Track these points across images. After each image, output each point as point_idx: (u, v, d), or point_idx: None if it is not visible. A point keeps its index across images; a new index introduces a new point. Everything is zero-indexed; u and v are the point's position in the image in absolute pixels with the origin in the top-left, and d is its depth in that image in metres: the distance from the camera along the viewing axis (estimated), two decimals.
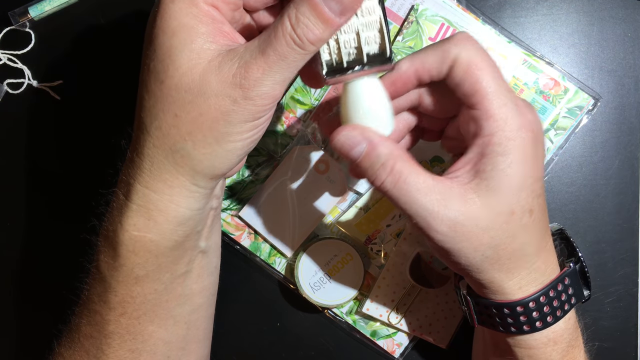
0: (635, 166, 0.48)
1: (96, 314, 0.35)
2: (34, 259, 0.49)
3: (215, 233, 0.38)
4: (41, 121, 0.48)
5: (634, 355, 0.49)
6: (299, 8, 0.30)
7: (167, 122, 0.31)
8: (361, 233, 0.47)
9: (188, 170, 0.32)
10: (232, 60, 0.30)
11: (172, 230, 0.33)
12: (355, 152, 0.33)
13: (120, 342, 0.35)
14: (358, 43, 0.33)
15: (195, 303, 0.38)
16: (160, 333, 0.36)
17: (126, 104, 0.48)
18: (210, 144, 0.31)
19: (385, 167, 0.33)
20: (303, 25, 0.30)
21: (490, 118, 0.33)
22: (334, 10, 0.30)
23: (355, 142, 0.33)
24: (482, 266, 0.34)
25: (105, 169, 0.37)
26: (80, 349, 0.36)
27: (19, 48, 0.48)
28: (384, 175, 0.33)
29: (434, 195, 0.32)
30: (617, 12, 0.48)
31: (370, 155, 0.33)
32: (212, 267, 0.39)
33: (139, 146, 0.33)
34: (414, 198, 0.32)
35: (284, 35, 0.30)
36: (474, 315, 0.38)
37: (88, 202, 0.37)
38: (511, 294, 0.35)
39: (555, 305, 0.36)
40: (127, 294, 0.34)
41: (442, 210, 0.32)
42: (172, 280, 0.35)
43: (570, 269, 0.37)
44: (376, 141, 0.33)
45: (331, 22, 0.30)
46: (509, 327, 0.36)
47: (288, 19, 0.30)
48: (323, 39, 0.31)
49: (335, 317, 0.49)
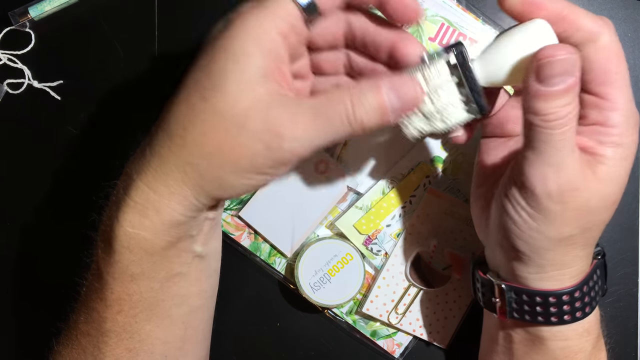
0: (636, 166, 0.48)
1: (93, 311, 0.35)
2: (34, 258, 0.49)
3: (214, 239, 0.38)
4: (41, 121, 0.48)
5: (634, 355, 0.49)
6: (364, 92, 0.31)
7: (192, 136, 0.31)
8: (361, 233, 0.47)
9: (194, 185, 0.32)
10: (281, 108, 0.31)
11: (165, 232, 0.33)
12: (563, 78, 0.31)
13: (117, 341, 0.35)
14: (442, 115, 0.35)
15: (193, 305, 0.38)
16: (157, 332, 0.36)
17: (126, 104, 0.48)
18: (225, 172, 0.32)
19: (569, 108, 0.31)
20: (363, 109, 0.31)
21: (617, 110, 0.33)
22: (393, 106, 0.32)
23: (570, 69, 0.31)
24: (561, 244, 0.34)
25: (104, 168, 0.37)
26: (78, 347, 0.36)
27: (19, 48, 0.48)
28: (562, 114, 0.31)
29: (576, 155, 0.32)
30: (617, 12, 0.48)
31: (573, 89, 0.31)
32: (210, 271, 0.39)
33: (155, 144, 0.33)
34: (566, 148, 0.32)
35: (341, 109, 0.31)
36: (506, 307, 0.37)
37: (88, 202, 0.37)
38: (562, 282, 0.35)
39: (592, 296, 0.36)
40: (124, 291, 0.34)
41: (576, 173, 0.32)
42: (168, 279, 0.35)
43: (600, 262, 0.38)
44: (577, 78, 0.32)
45: (386, 117, 0.32)
46: (550, 318, 0.36)
47: (350, 96, 0.31)
48: (372, 126, 0.32)
49: (335, 317, 0.49)
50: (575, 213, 0.33)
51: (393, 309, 0.47)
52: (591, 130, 0.34)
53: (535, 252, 0.34)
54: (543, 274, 0.35)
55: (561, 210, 0.33)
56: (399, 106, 0.32)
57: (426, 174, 0.47)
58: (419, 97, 0.33)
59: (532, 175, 0.32)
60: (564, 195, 0.32)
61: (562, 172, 0.32)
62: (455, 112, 0.34)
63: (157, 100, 0.34)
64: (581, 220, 0.33)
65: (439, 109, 0.34)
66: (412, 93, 0.32)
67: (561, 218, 0.33)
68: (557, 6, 0.32)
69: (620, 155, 0.33)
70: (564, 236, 0.33)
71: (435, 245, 0.46)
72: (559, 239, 0.34)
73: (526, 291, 0.36)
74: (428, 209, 0.46)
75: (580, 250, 0.35)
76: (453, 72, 0.33)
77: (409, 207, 0.47)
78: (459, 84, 0.34)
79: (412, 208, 0.47)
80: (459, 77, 0.33)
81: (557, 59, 0.30)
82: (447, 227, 0.47)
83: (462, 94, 0.34)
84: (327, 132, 0.31)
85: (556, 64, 0.30)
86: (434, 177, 0.47)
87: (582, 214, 0.33)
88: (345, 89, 0.32)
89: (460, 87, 0.34)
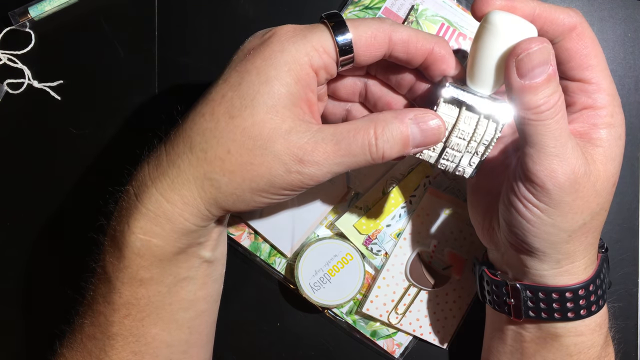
0: (635, 166, 0.48)
1: (100, 315, 0.35)
2: (34, 259, 0.49)
3: (221, 244, 0.39)
4: (41, 121, 0.48)
5: (634, 355, 0.49)
6: (388, 123, 0.32)
7: (215, 152, 0.32)
8: (361, 233, 0.47)
9: (209, 199, 0.33)
10: (304, 133, 0.32)
11: (177, 239, 0.34)
12: (542, 69, 0.31)
13: (123, 344, 0.35)
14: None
15: (199, 309, 0.38)
16: (163, 336, 0.36)
17: (126, 104, 0.48)
18: (243, 190, 0.32)
19: (556, 96, 0.32)
20: (385, 139, 0.32)
21: (603, 91, 0.34)
22: (415, 139, 0.33)
23: (546, 60, 0.31)
24: (576, 233, 0.34)
25: (105, 169, 0.37)
26: (83, 349, 0.36)
27: (19, 48, 0.48)
28: (551, 102, 0.31)
29: (573, 142, 0.33)
30: (617, 12, 0.48)
31: (553, 78, 0.32)
32: (217, 275, 0.39)
33: (173, 153, 0.33)
34: (563, 137, 0.32)
35: (364, 138, 0.32)
36: (521, 307, 0.37)
37: (88, 203, 0.37)
38: (577, 275, 0.35)
39: (604, 289, 0.37)
40: (132, 295, 0.34)
41: (578, 159, 0.32)
42: (175, 283, 0.35)
43: (604, 254, 0.38)
44: (555, 67, 0.32)
45: (407, 148, 0.33)
46: (566, 314, 0.36)
47: (374, 126, 0.32)
48: (391, 157, 0.33)
49: (335, 317, 0.49)
50: (586, 199, 0.33)
51: (393, 309, 0.47)
52: (582, 115, 0.35)
53: (552, 246, 0.35)
54: (559, 268, 0.35)
55: (573, 199, 0.33)
56: (421, 141, 0.33)
57: (426, 174, 0.47)
58: (441, 133, 0.33)
59: (538, 171, 0.32)
60: (574, 184, 0.32)
61: (567, 162, 0.32)
62: (461, 159, 0.36)
63: (157, 100, 0.34)
64: (592, 205, 0.34)
65: (449, 151, 0.35)
66: (435, 128, 0.33)
67: (574, 207, 0.33)
68: (529, 6, 0.33)
69: (614, 135, 0.34)
70: (579, 225, 0.34)
71: (435, 245, 0.46)
72: (574, 229, 0.34)
73: (542, 289, 0.36)
74: (428, 209, 0.46)
75: (592, 238, 0.35)
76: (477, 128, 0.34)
77: (409, 207, 0.47)
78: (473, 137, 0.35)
79: (412, 208, 0.47)
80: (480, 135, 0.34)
81: (533, 51, 0.31)
82: (447, 227, 0.47)
83: (471, 148, 0.35)
84: (347, 160, 0.32)
85: (533, 56, 0.31)
86: (434, 177, 0.47)
87: (592, 198, 0.33)
88: (368, 119, 0.32)
89: (474, 141, 0.35)
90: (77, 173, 0.49)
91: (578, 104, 0.35)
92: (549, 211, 0.33)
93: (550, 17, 0.33)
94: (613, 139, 0.34)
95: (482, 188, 0.40)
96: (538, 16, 0.33)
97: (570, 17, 0.34)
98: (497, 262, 0.40)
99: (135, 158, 0.36)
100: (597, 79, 0.34)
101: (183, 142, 0.33)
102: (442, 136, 0.34)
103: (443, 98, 0.34)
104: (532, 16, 0.33)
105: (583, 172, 0.33)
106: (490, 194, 0.38)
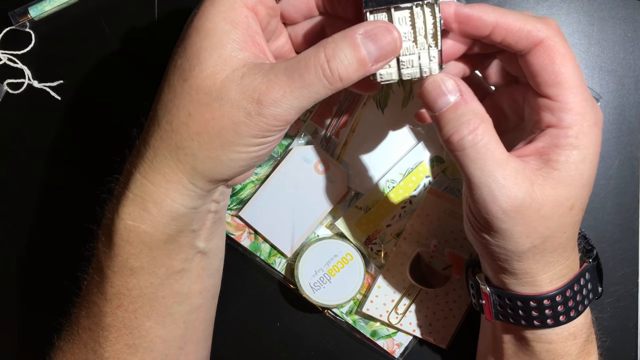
0: (635, 166, 0.48)
1: (94, 306, 0.36)
2: (34, 257, 0.49)
3: (217, 236, 0.38)
4: (41, 121, 0.48)
5: (634, 355, 0.49)
6: (337, 43, 0.30)
7: (179, 119, 0.32)
8: (361, 233, 0.47)
9: (188, 169, 0.32)
10: (256, 75, 0.31)
11: (165, 224, 0.33)
12: (442, 101, 0.32)
13: (117, 336, 0.35)
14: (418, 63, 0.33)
15: (195, 303, 0.38)
16: (157, 330, 0.36)
17: (126, 104, 0.48)
18: (215, 148, 0.32)
19: (469, 124, 0.31)
20: (338, 60, 0.30)
21: (570, 111, 0.32)
22: (372, 56, 0.31)
23: (446, 91, 0.32)
24: (526, 255, 0.33)
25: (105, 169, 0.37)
26: (79, 341, 0.36)
27: (19, 48, 0.48)
28: (465, 132, 0.31)
29: (507, 170, 0.31)
30: (617, 12, 0.48)
31: (458, 108, 0.31)
32: (213, 269, 0.39)
33: (147, 136, 0.33)
34: (488, 166, 0.31)
35: (316, 64, 0.30)
36: (492, 309, 0.37)
37: (87, 202, 0.37)
38: (540, 287, 0.35)
39: (578, 300, 0.36)
40: (123, 285, 0.34)
41: (512, 187, 0.31)
42: (169, 275, 0.35)
43: (590, 265, 0.37)
44: (469, 96, 0.32)
45: (365, 66, 0.31)
46: (532, 321, 0.36)
47: (324, 50, 0.30)
48: (352, 79, 0.31)
49: (335, 317, 0.49)
50: (530, 225, 0.32)
51: (393, 309, 0.47)
52: (547, 134, 0.33)
53: (506, 263, 0.35)
54: (519, 280, 0.35)
55: (512, 226, 0.32)
56: (377, 53, 0.31)
57: (426, 174, 0.47)
58: (397, 40, 0.32)
59: (473, 201, 0.32)
60: (510, 212, 0.31)
61: (497, 191, 0.31)
62: (419, 59, 0.34)
63: None
64: (539, 229, 0.32)
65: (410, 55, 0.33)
66: (389, 36, 0.31)
67: (516, 233, 0.32)
68: (490, 17, 0.32)
69: (576, 158, 0.32)
70: (527, 247, 0.33)
71: (435, 245, 0.46)
72: (522, 251, 0.33)
73: (508, 295, 0.36)
74: (428, 209, 0.46)
75: (551, 257, 0.34)
76: (424, 17, 0.32)
77: (409, 207, 0.47)
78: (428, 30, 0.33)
79: (412, 208, 0.47)
80: (431, 24, 0.32)
81: (427, 84, 0.31)
82: (447, 227, 0.47)
83: (421, 45, 0.33)
84: (305, 92, 0.31)
85: (429, 88, 0.32)
86: (434, 177, 0.47)
87: (537, 224, 0.32)
88: (318, 45, 0.31)
89: (428, 34, 0.33)
90: (77, 173, 0.49)
91: (543, 122, 0.33)
92: (493, 235, 0.33)
93: (512, 29, 0.32)
94: (574, 162, 0.32)
95: None
96: (498, 27, 0.33)
97: (538, 30, 0.32)
98: (482, 263, 0.40)
99: None
100: (563, 97, 0.32)
101: (151, 121, 0.33)
102: (399, 43, 0.32)
103: (367, 11, 0.32)
104: (492, 27, 0.33)
105: (520, 200, 0.31)
106: None
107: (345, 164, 0.47)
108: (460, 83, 0.32)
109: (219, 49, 0.31)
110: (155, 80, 0.34)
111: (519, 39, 0.33)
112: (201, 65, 0.31)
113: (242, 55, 0.31)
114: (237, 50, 0.31)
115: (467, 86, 0.32)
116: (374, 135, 0.47)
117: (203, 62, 0.31)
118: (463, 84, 0.33)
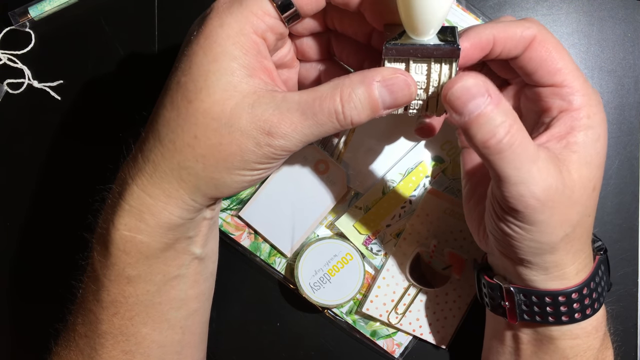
0: (635, 166, 0.48)
1: (90, 313, 0.35)
2: (34, 258, 0.49)
3: (211, 240, 0.38)
4: (41, 121, 0.48)
5: (634, 355, 0.49)
6: (354, 88, 0.31)
7: (183, 140, 0.32)
8: (361, 233, 0.47)
9: (191, 187, 0.32)
10: (268, 105, 0.31)
11: (162, 234, 0.33)
12: (473, 105, 0.30)
13: (113, 343, 0.35)
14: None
15: (191, 308, 0.38)
16: (154, 336, 0.36)
17: (126, 104, 0.48)
18: (219, 171, 0.32)
19: (504, 126, 0.30)
20: (353, 106, 0.31)
21: (577, 92, 0.34)
22: (385, 104, 0.31)
23: (476, 94, 0.30)
24: (558, 245, 0.34)
25: (105, 169, 0.37)
26: (76, 348, 0.36)
27: (19, 48, 0.48)
28: (501, 135, 0.30)
29: (540, 162, 0.31)
30: (617, 12, 0.48)
31: (491, 111, 0.30)
32: (207, 273, 0.39)
33: (146, 149, 0.33)
34: (525, 164, 0.31)
35: (330, 108, 0.31)
36: (516, 309, 0.37)
37: (87, 203, 0.37)
38: (568, 280, 0.35)
39: (599, 292, 0.36)
40: (120, 293, 0.34)
41: (547, 178, 0.31)
42: (165, 282, 0.35)
43: (602, 257, 0.38)
44: (497, 96, 0.30)
45: (377, 112, 0.32)
46: (560, 317, 0.35)
47: (340, 92, 0.31)
48: (361, 122, 0.32)
49: (335, 317, 0.49)
50: (564, 213, 0.33)
51: (393, 309, 0.47)
52: (560, 119, 0.34)
53: (537, 257, 0.34)
54: (548, 275, 0.35)
55: (549, 216, 0.32)
56: (391, 102, 0.32)
57: (426, 174, 0.47)
58: (413, 93, 0.32)
59: (508, 197, 0.32)
60: (547, 203, 0.32)
61: (535, 185, 0.31)
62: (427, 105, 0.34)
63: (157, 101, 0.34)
64: (571, 216, 0.33)
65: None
66: (406, 89, 0.32)
67: (552, 223, 0.33)
68: (488, 34, 0.33)
69: (591, 137, 0.33)
70: (560, 237, 0.33)
71: (435, 245, 0.46)
72: (556, 242, 0.33)
73: (535, 292, 0.36)
74: (428, 209, 0.46)
75: (579, 245, 0.35)
76: (440, 69, 0.33)
77: (409, 207, 0.47)
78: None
79: (412, 208, 0.47)
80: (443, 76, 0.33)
81: (455, 89, 0.30)
82: (447, 227, 0.47)
83: (432, 93, 0.33)
84: (315, 129, 0.31)
85: (457, 93, 0.30)
86: (434, 177, 0.47)
87: (569, 210, 0.33)
88: (334, 85, 0.31)
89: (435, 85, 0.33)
90: (77, 173, 0.49)
91: (554, 109, 0.34)
92: (527, 229, 0.33)
93: (508, 36, 0.33)
94: (590, 141, 0.33)
95: (475, 195, 0.40)
96: (497, 39, 0.33)
97: (527, 28, 0.33)
98: (494, 265, 0.40)
99: None
100: (568, 81, 0.34)
101: (152, 136, 0.33)
102: (414, 94, 0.32)
103: (386, 59, 0.32)
104: (492, 41, 0.33)
105: (554, 189, 0.32)
106: (483, 202, 0.38)
107: (345, 164, 0.47)
108: (488, 83, 0.31)
109: (229, 75, 0.31)
110: (155, 80, 0.34)
111: (517, 43, 0.34)
112: (209, 90, 0.31)
113: (252, 82, 0.31)
114: (246, 76, 0.31)
115: (493, 85, 0.31)
116: (374, 135, 0.47)
117: (211, 86, 0.31)
118: (489, 83, 0.31)
